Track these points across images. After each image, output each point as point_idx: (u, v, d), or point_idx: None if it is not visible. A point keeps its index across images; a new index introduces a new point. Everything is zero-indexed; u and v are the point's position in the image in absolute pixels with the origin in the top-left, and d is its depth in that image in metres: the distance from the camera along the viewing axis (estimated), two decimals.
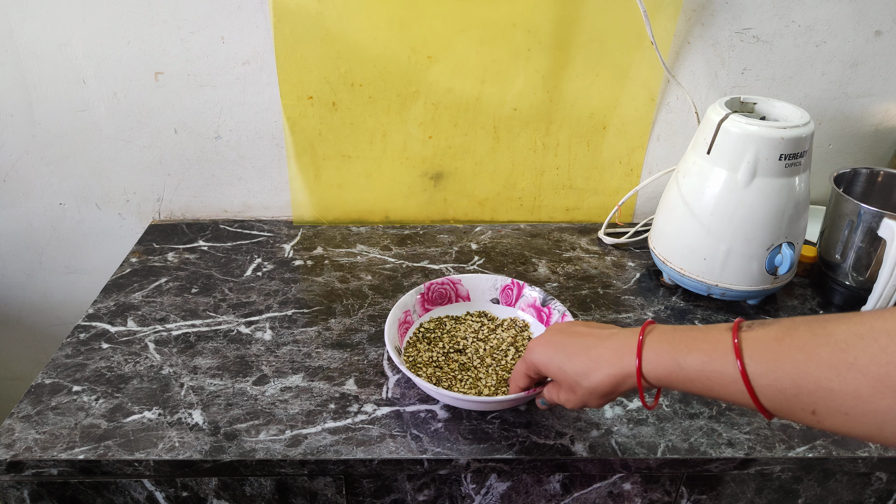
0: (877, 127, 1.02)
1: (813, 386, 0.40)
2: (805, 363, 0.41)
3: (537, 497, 0.68)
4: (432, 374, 0.69)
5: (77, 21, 0.89)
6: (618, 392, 0.53)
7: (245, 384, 0.71)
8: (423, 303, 0.78)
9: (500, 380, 0.70)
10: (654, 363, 0.49)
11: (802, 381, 0.41)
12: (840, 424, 0.40)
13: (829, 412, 0.40)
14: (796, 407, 0.42)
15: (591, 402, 0.54)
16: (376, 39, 0.91)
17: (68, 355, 0.75)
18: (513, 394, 0.62)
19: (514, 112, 0.98)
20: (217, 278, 0.89)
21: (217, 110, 0.96)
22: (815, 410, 0.41)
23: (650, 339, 0.50)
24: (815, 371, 0.40)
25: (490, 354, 0.73)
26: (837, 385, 0.39)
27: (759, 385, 0.43)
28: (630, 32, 0.92)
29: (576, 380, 0.53)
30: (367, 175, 1.02)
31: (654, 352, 0.49)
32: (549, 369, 0.56)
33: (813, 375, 0.40)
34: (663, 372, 0.48)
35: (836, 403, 0.39)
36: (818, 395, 0.40)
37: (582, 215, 1.08)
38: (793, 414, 0.42)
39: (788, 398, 0.42)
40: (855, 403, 0.39)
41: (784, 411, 0.43)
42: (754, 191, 0.76)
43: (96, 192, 1.02)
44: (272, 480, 0.65)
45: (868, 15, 0.93)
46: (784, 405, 0.42)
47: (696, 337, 0.48)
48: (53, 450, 0.62)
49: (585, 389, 0.53)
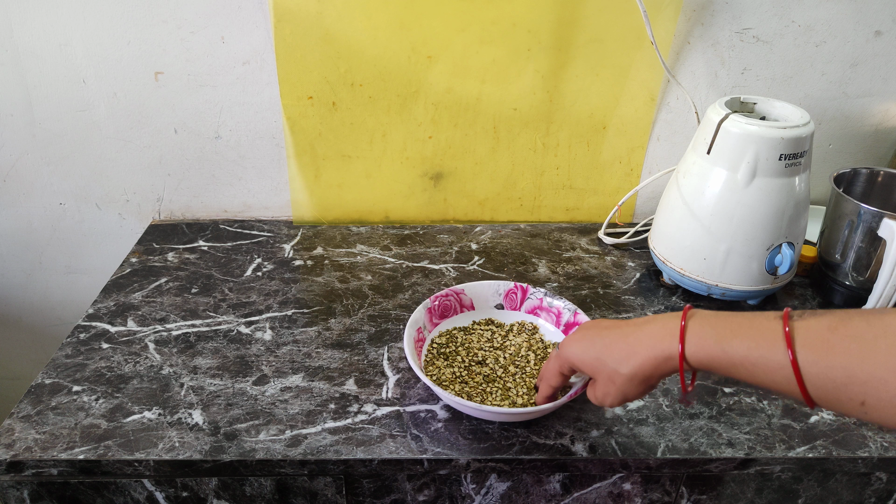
0: (877, 127, 1.02)
1: (866, 376, 0.40)
2: (860, 353, 0.41)
3: (537, 497, 0.68)
4: (461, 391, 0.68)
5: (77, 21, 0.89)
6: (657, 376, 0.52)
7: (245, 384, 0.71)
8: (430, 318, 0.76)
9: (529, 388, 0.69)
10: (696, 346, 0.48)
11: (856, 371, 0.41)
12: (888, 416, 0.40)
13: (879, 404, 0.40)
14: (844, 397, 0.41)
15: (630, 392, 0.53)
16: (376, 39, 0.91)
17: (68, 355, 0.75)
18: (544, 394, 0.62)
19: (514, 112, 0.98)
20: (217, 278, 0.89)
21: (217, 110, 0.96)
22: (864, 401, 0.41)
23: (693, 322, 0.50)
24: (871, 361, 0.40)
25: (511, 362, 0.73)
26: (893, 376, 0.39)
27: (809, 374, 0.43)
28: (630, 32, 0.92)
29: (614, 368, 0.53)
30: (367, 175, 1.02)
31: (698, 335, 0.49)
32: (585, 362, 0.56)
33: (867, 366, 0.40)
34: (705, 356, 0.48)
35: (888, 395, 0.39)
36: (871, 385, 0.40)
37: (582, 215, 1.08)
38: (840, 404, 0.42)
39: (838, 387, 0.42)
40: None
41: (831, 401, 0.43)
42: (754, 191, 0.76)
43: (96, 192, 1.02)
44: (272, 480, 0.65)
45: (868, 15, 0.93)
46: (832, 395, 0.42)
47: (742, 323, 0.47)
48: (53, 450, 0.62)
49: (625, 377, 0.52)
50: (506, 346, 0.75)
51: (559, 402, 0.64)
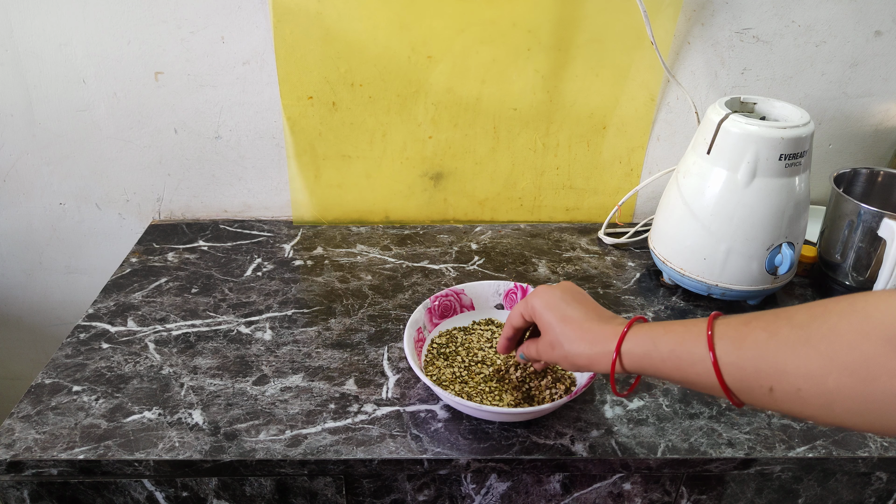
0: (877, 127, 1.02)
1: (771, 363, 0.42)
2: (766, 342, 0.42)
3: (537, 497, 0.68)
4: (461, 391, 0.68)
5: (77, 21, 0.89)
6: (591, 367, 0.55)
7: (245, 384, 0.71)
8: (430, 318, 0.76)
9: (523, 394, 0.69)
10: (632, 343, 0.52)
11: (762, 358, 0.42)
12: (795, 404, 0.41)
13: (784, 391, 0.41)
14: (755, 385, 0.43)
15: (562, 365, 0.58)
16: (376, 39, 0.91)
17: (68, 355, 0.75)
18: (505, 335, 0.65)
19: (514, 112, 0.98)
20: (217, 278, 0.89)
21: (217, 110, 0.96)
22: (772, 388, 0.42)
23: (636, 327, 0.53)
24: (774, 349, 0.42)
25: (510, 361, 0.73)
26: (792, 362, 0.41)
27: (725, 363, 0.45)
28: (630, 32, 0.92)
29: (560, 340, 0.57)
30: (367, 175, 1.02)
31: (635, 335, 0.52)
32: (542, 318, 0.59)
33: (771, 353, 0.42)
34: (640, 352, 0.51)
35: (790, 381, 0.41)
36: (775, 372, 0.42)
37: (582, 215, 1.08)
38: (752, 393, 0.44)
39: (749, 376, 0.43)
40: (806, 381, 0.40)
41: (745, 391, 0.44)
42: (754, 191, 0.76)
43: (96, 192, 1.02)
44: (272, 480, 0.65)
45: (868, 15, 0.93)
46: (745, 384, 0.44)
47: (675, 324, 0.51)
48: (53, 450, 0.62)
49: (563, 353, 0.56)
50: None
51: (559, 403, 0.64)
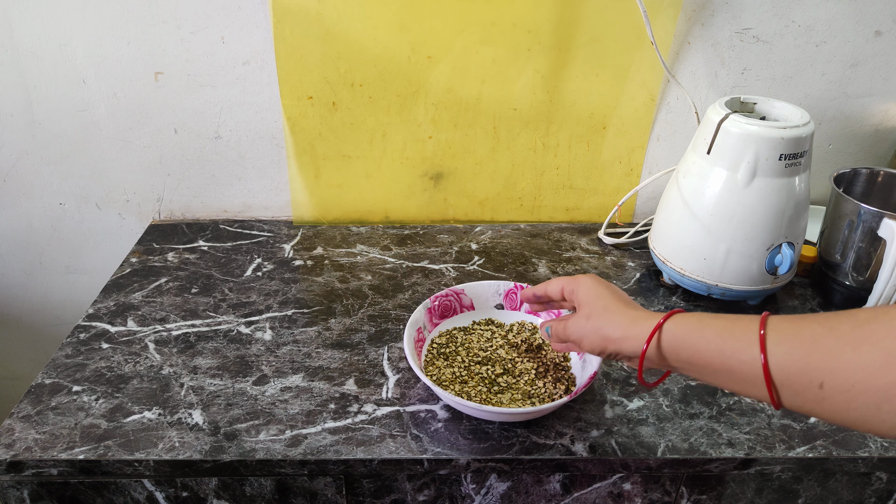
0: (877, 127, 1.02)
1: (825, 356, 0.42)
2: (823, 335, 0.42)
3: (537, 497, 0.68)
4: (461, 391, 0.68)
5: (77, 21, 0.89)
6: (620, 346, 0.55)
7: (245, 384, 0.71)
8: (430, 318, 0.76)
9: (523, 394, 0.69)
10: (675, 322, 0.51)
11: (816, 351, 0.42)
12: (842, 401, 0.41)
13: (835, 386, 0.41)
14: (805, 380, 0.43)
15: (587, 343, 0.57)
16: (376, 39, 0.91)
17: (68, 355, 0.75)
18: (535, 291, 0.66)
19: (514, 112, 0.98)
20: (217, 278, 0.89)
21: (217, 110, 0.96)
22: (823, 383, 0.42)
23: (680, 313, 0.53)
24: (832, 343, 0.42)
25: (510, 361, 0.73)
26: (850, 356, 0.40)
27: (774, 354, 0.44)
28: (630, 32, 0.92)
29: (598, 312, 0.57)
30: (367, 175, 1.02)
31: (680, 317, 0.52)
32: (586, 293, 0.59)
33: (828, 346, 0.42)
34: (681, 331, 0.51)
35: (843, 376, 0.41)
36: (829, 366, 0.41)
37: (582, 215, 1.08)
38: (799, 389, 0.43)
39: (800, 369, 0.43)
40: (862, 376, 0.40)
41: (792, 386, 0.44)
42: (754, 191, 0.76)
43: (96, 192, 1.02)
44: (272, 480, 0.65)
45: (868, 15, 0.93)
46: (794, 378, 0.43)
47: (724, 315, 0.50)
48: (53, 450, 0.62)
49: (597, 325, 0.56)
50: (505, 346, 0.75)
51: (559, 403, 0.64)
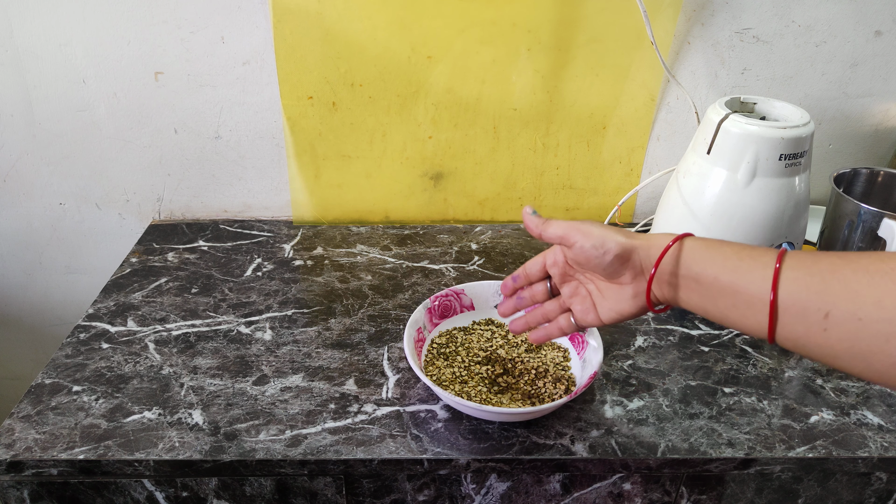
0: (877, 127, 1.02)
1: (840, 285, 0.41)
2: (842, 266, 0.42)
3: (537, 497, 0.68)
4: (461, 391, 0.68)
5: (77, 21, 0.89)
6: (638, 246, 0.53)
7: (245, 384, 0.71)
8: (430, 318, 0.76)
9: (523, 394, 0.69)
10: (693, 239, 0.51)
11: (831, 279, 0.42)
12: (848, 332, 0.40)
13: (843, 316, 0.41)
14: (812, 307, 0.42)
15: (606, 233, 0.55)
16: (376, 39, 0.91)
17: (68, 355, 0.75)
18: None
19: (514, 112, 0.98)
20: (217, 278, 0.89)
21: (217, 110, 0.96)
22: (829, 313, 0.41)
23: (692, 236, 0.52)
24: (849, 273, 0.41)
25: (510, 361, 0.73)
26: (865, 288, 0.40)
27: (787, 277, 0.44)
28: (630, 32, 0.92)
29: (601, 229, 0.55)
30: (367, 175, 1.02)
31: (695, 238, 0.51)
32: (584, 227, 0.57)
33: (845, 275, 0.41)
34: (700, 245, 0.50)
35: (854, 306, 0.40)
36: (841, 295, 0.41)
37: (582, 215, 1.08)
38: (805, 315, 0.43)
39: (810, 295, 0.42)
40: (874, 309, 0.39)
41: (796, 313, 0.43)
42: (754, 191, 0.76)
43: (96, 192, 1.02)
44: (272, 480, 0.65)
45: (868, 15, 0.93)
46: (801, 303, 0.43)
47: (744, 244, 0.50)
48: (53, 450, 0.62)
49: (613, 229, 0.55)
50: (505, 346, 0.75)
51: (559, 403, 0.64)
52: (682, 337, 0.80)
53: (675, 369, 0.75)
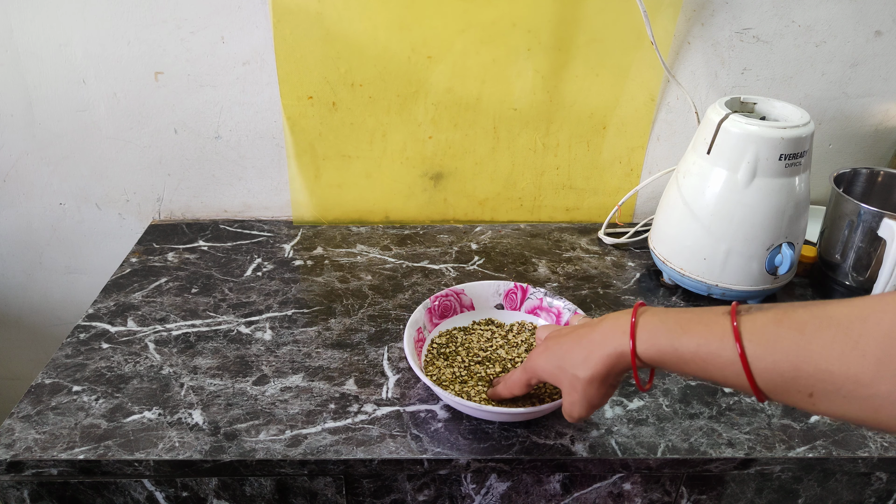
0: (877, 127, 1.02)
1: (812, 368, 0.40)
2: (805, 345, 0.40)
3: (537, 497, 0.68)
4: (461, 391, 0.68)
5: (77, 21, 0.89)
6: (614, 375, 0.52)
7: (245, 384, 0.71)
8: (430, 318, 0.76)
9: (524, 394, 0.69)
10: (647, 343, 0.49)
11: (801, 363, 0.40)
12: (836, 408, 0.40)
13: (826, 395, 0.40)
14: (793, 389, 0.41)
15: (593, 396, 0.54)
16: (376, 39, 0.91)
17: (68, 355, 0.75)
18: (501, 395, 0.64)
19: (514, 112, 0.98)
20: (217, 278, 0.89)
21: (217, 110, 0.96)
22: (812, 393, 0.40)
23: (643, 319, 0.50)
24: (816, 353, 0.39)
25: (510, 361, 0.73)
26: (838, 368, 0.38)
27: (758, 368, 0.43)
28: (630, 32, 0.92)
29: (573, 373, 0.53)
30: (367, 175, 1.02)
31: (648, 332, 0.49)
32: (547, 371, 0.57)
33: (813, 357, 0.40)
34: (656, 353, 0.48)
35: (834, 386, 0.39)
36: (817, 377, 0.40)
37: (582, 215, 1.08)
38: (789, 396, 0.42)
39: (787, 381, 0.41)
40: (855, 387, 0.38)
41: (780, 394, 0.43)
42: (754, 191, 0.76)
43: (96, 192, 1.02)
44: (272, 480, 0.65)
45: (868, 15, 0.93)
46: (781, 387, 0.42)
47: (692, 319, 0.47)
48: (53, 450, 0.62)
49: (584, 381, 0.53)
50: (505, 346, 0.75)
51: (559, 403, 0.64)
52: None
53: None
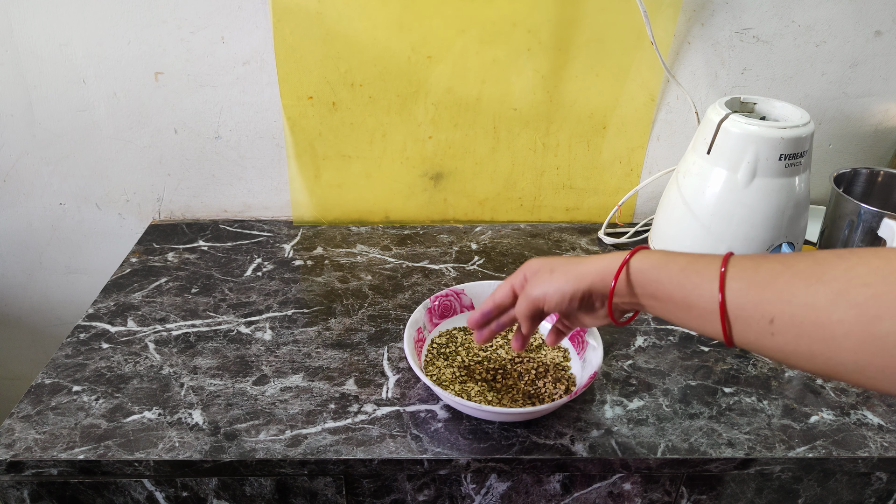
0: (877, 127, 1.02)
1: (779, 292, 0.43)
2: (780, 273, 0.43)
3: (537, 497, 0.69)
4: (461, 391, 0.68)
5: (77, 21, 0.89)
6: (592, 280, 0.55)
7: (245, 384, 0.71)
8: (430, 318, 0.76)
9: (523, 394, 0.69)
10: (641, 258, 0.53)
11: (771, 286, 0.43)
12: (791, 336, 0.42)
13: (784, 321, 0.42)
14: (757, 314, 0.44)
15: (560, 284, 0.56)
16: (376, 39, 0.91)
17: (68, 355, 0.75)
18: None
19: (514, 112, 0.98)
20: (217, 278, 0.89)
21: (217, 110, 0.96)
22: (773, 319, 0.43)
23: (641, 252, 0.54)
24: (786, 280, 0.43)
25: (510, 361, 0.73)
26: (801, 294, 0.41)
27: (732, 288, 0.45)
28: (630, 32, 0.92)
29: (562, 262, 0.57)
30: (367, 175, 1.02)
31: (643, 256, 0.53)
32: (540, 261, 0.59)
33: (782, 283, 0.43)
34: (647, 265, 0.52)
35: (792, 311, 0.41)
36: (780, 301, 0.42)
37: (582, 215, 1.08)
38: (751, 323, 0.44)
39: (753, 303, 0.44)
40: (809, 313, 0.40)
41: (745, 320, 0.45)
42: (754, 191, 0.76)
43: (96, 192, 1.02)
44: (272, 480, 0.65)
45: (868, 15, 0.93)
46: (747, 311, 0.45)
47: (689, 253, 0.52)
48: (53, 450, 0.62)
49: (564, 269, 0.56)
50: (504, 346, 0.75)
51: (559, 403, 0.64)
52: (682, 337, 0.80)
53: (675, 369, 0.75)
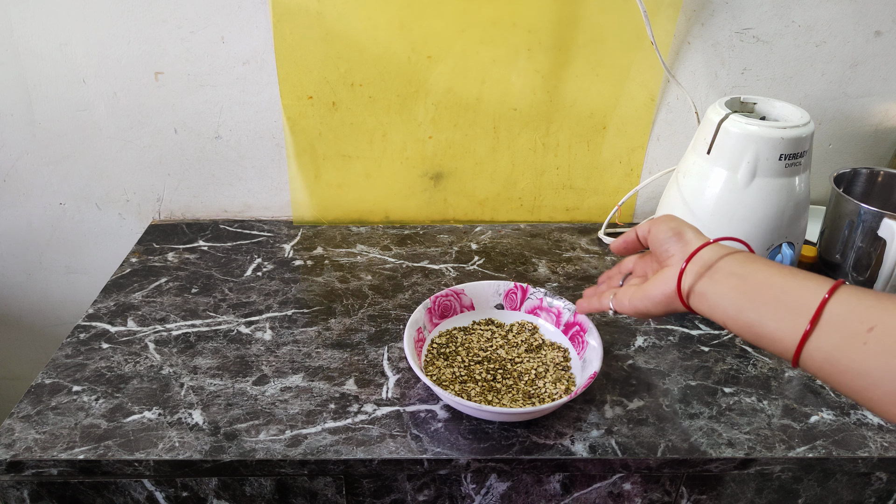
0: (877, 127, 1.02)
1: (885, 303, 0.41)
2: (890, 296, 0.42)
3: (537, 497, 0.69)
4: (461, 391, 0.68)
5: (77, 20, 0.89)
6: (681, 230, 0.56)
7: (245, 384, 0.71)
8: (430, 318, 0.76)
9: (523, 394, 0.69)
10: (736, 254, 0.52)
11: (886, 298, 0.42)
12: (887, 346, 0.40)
13: (887, 330, 0.40)
14: (858, 318, 0.42)
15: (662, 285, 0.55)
16: (376, 39, 0.91)
17: (68, 355, 0.75)
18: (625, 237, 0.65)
19: (514, 112, 0.98)
20: (217, 278, 0.89)
21: (217, 110, 0.96)
22: (874, 327, 0.41)
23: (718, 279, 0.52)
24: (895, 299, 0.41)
25: (510, 361, 0.73)
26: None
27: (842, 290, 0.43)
28: (630, 32, 0.92)
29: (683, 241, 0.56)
30: (367, 175, 1.02)
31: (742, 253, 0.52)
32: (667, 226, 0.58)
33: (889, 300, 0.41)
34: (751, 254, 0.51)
35: None
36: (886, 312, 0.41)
37: (582, 215, 1.08)
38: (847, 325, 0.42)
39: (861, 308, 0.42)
40: None
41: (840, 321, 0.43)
42: (754, 191, 0.76)
43: (96, 192, 1.02)
44: (272, 480, 0.65)
45: (868, 15, 0.93)
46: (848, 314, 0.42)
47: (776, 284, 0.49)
48: (53, 450, 0.62)
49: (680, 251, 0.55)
50: (505, 346, 0.75)
51: (559, 403, 0.64)
52: (682, 337, 0.80)
53: (675, 369, 0.75)
